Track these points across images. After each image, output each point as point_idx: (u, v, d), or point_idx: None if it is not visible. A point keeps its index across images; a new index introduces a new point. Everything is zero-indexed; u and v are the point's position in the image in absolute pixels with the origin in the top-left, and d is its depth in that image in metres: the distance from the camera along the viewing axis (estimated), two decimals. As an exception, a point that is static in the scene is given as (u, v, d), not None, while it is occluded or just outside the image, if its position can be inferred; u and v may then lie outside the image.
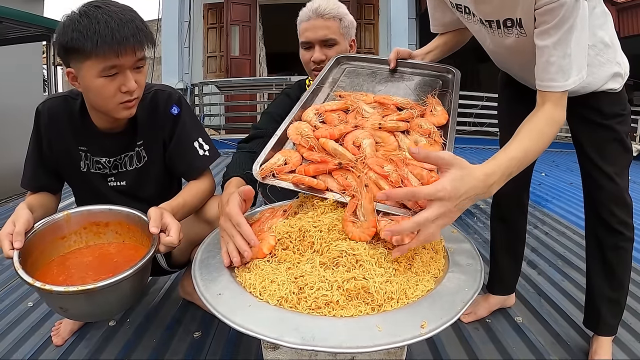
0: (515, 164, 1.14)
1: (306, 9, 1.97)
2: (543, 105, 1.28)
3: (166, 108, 1.64)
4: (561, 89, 1.26)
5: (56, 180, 1.69)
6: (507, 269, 2.11)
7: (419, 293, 1.00)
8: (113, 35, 1.29)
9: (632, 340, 1.97)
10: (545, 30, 1.25)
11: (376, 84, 1.69)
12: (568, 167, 5.40)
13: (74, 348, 1.84)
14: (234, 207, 1.19)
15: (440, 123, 1.40)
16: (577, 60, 1.26)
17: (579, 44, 1.25)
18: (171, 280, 2.39)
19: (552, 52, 1.25)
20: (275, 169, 1.27)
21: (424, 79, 1.71)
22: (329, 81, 1.71)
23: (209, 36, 10.17)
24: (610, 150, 1.65)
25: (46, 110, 1.60)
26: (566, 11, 1.19)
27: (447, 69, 1.73)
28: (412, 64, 1.76)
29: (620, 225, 1.68)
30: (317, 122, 1.42)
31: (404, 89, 1.66)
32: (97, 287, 1.11)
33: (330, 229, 1.11)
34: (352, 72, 1.76)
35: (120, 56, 1.33)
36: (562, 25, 1.21)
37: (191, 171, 1.69)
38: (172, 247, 1.30)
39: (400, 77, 1.73)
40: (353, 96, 1.53)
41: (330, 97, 1.63)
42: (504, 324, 2.08)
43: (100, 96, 1.41)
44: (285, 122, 1.46)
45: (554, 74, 1.26)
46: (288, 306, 0.96)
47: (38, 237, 1.32)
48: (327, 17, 1.91)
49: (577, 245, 3.08)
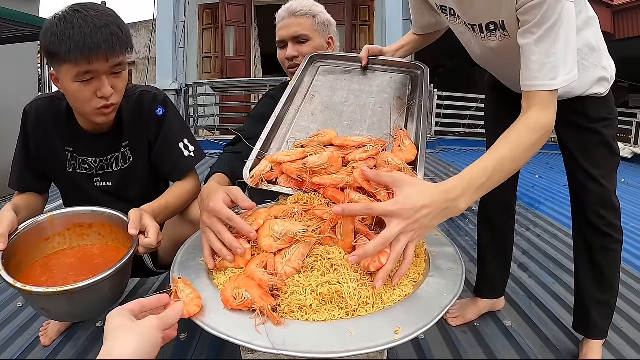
0: (485, 174, 1.10)
1: (280, 10, 1.99)
2: (527, 110, 1.22)
3: (151, 109, 1.64)
4: (547, 88, 1.20)
5: (43, 180, 1.68)
6: (495, 272, 2.10)
7: (396, 298, 1.00)
8: (85, 41, 1.29)
9: (623, 345, 1.97)
10: (527, 29, 1.22)
11: (351, 83, 1.71)
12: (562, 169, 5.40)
13: (62, 348, 1.85)
14: (219, 202, 1.12)
15: (409, 159, 1.28)
16: (566, 59, 1.21)
17: (567, 43, 1.21)
18: (160, 281, 2.39)
19: (534, 50, 1.21)
20: (264, 175, 1.26)
21: (395, 75, 1.74)
22: (305, 81, 1.72)
23: (204, 37, 10.16)
24: (597, 153, 1.64)
25: (33, 110, 1.60)
26: (547, 9, 1.16)
27: (417, 66, 1.74)
28: (384, 61, 1.78)
29: (608, 227, 1.68)
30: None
31: (377, 87, 1.68)
32: (76, 288, 1.11)
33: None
34: (326, 71, 1.78)
35: (92, 62, 1.32)
36: (544, 23, 1.18)
37: (176, 172, 1.69)
38: (151, 249, 1.30)
39: (372, 75, 1.75)
40: (313, 143, 1.40)
41: (307, 99, 1.63)
42: (493, 328, 2.07)
43: (77, 100, 1.42)
44: (268, 125, 1.46)
45: (536, 72, 1.21)
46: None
47: (22, 239, 1.32)
48: (299, 14, 1.94)
49: (570, 248, 3.05)
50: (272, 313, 0.90)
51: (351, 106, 1.59)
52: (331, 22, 2.02)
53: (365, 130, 1.48)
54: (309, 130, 1.49)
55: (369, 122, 1.52)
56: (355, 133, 1.46)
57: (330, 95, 1.64)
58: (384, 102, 1.60)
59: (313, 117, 1.56)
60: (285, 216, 1.15)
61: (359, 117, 1.55)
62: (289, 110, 1.58)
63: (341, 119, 1.54)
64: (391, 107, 1.58)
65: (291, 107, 1.59)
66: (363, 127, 1.50)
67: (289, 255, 1.03)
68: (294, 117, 1.56)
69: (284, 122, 1.53)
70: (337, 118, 1.54)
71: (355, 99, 1.62)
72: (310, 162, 1.20)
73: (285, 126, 1.52)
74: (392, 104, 1.59)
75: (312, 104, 1.61)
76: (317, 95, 1.65)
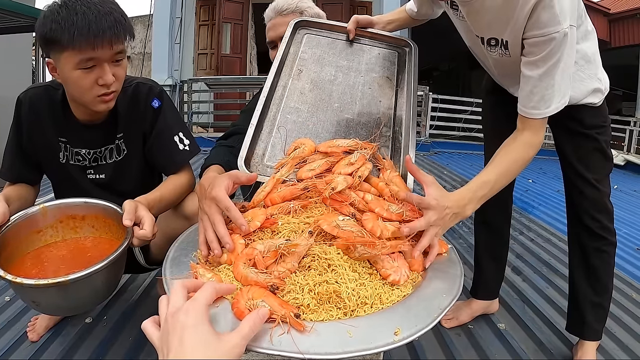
0: (487, 186, 1.28)
1: (268, 10, 1.97)
2: (522, 131, 1.39)
3: (147, 101, 1.62)
4: (542, 116, 1.36)
5: (35, 171, 1.66)
6: (491, 273, 2.12)
7: (395, 298, 0.98)
8: (89, 27, 1.28)
9: (615, 349, 1.99)
10: (532, 61, 1.32)
11: (339, 58, 1.68)
12: (555, 174, 5.46)
13: (49, 344, 1.83)
14: (221, 191, 1.11)
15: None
16: (561, 89, 1.34)
17: (564, 73, 1.32)
18: (150, 278, 2.37)
19: (536, 84, 1.33)
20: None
21: (383, 51, 1.73)
22: (291, 52, 1.69)
23: (200, 33, 10.13)
24: (592, 158, 1.70)
25: (27, 99, 1.58)
26: (555, 46, 1.26)
27: (405, 42, 1.74)
28: (372, 34, 1.76)
29: (602, 230, 1.73)
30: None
31: (365, 64, 1.67)
32: (68, 280, 1.09)
33: (304, 230, 1.07)
34: (312, 42, 1.74)
35: (97, 49, 1.31)
36: (550, 59, 1.28)
37: (171, 165, 1.67)
38: (146, 241, 1.28)
39: (360, 49, 1.73)
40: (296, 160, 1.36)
41: (294, 74, 1.61)
42: (487, 330, 2.09)
43: (78, 88, 1.40)
44: (258, 108, 1.45)
45: (536, 102, 1.35)
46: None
47: (13, 231, 1.30)
48: (286, 13, 1.91)
49: (563, 253, 3.10)
50: (295, 320, 0.86)
51: (340, 85, 1.58)
52: (320, 14, 1.97)
53: (356, 114, 1.51)
54: (299, 112, 1.49)
55: (359, 105, 1.54)
56: (345, 117, 1.49)
57: (317, 71, 1.62)
58: (372, 82, 1.61)
59: (302, 96, 1.54)
60: (281, 212, 1.14)
61: (348, 98, 1.55)
62: (277, 88, 1.56)
63: (331, 99, 1.54)
64: (380, 87, 1.60)
65: (279, 84, 1.57)
66: (354, 109, 1.52)
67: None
68: (282, 96, 1.53)
69: (273, 103, 1.51)
70: (327, 99, 1.54)
71: (344, 77, 1.61)
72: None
73: (274, 107, 1.50)
74: (381, 85, 1.60)
75: (300, 81, 1.59)
76: (305, 70, 1.62)
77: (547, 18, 1.24)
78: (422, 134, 9.05)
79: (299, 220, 1.11)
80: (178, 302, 0.74)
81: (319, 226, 1.05)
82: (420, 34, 5.30)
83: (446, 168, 6.40)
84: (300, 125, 1.47)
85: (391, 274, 1.02)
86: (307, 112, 1.49)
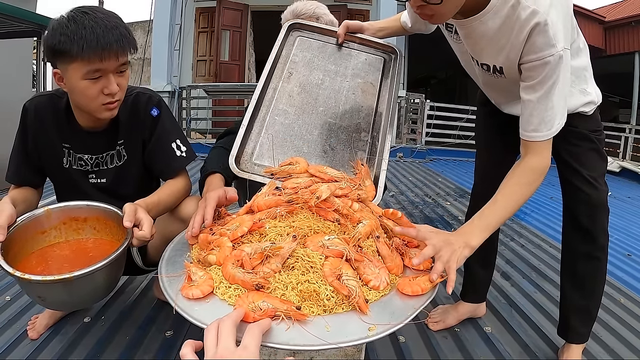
0: (493, 212, 1.37)
1: (285, 12, 2.05)
2: (525, 156, 1.42)
3: (146, 110, 1.70)
4: (544, 138, 1.38)
5: (39, 175, 1.73)
6: (479, 276, 2.15)
7: (372, 297, 1.05)
8: (98, 40, 1.36)
9: (601, 352, 2.01)
10: (530, 85, 1.36)
11: (327, 62, 1.77)
12: (549, 181, 5.47)
13: (49, 342, 1.87)
14: (214, 193, 1.35)
15: (370, 199, 1.41)
16: (560, 109, 1.37)
17: (561, 93, 1.35)
18: (147, 280, 2.42)
19: (535, 106, 1.36)
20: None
21: (370, 56, 1.81)
22: (283, 54, 1.78)
23: (199, 40, 10.13)
24: (589, 157, 1.71)
25: (33, 107, 1.65)
26: (550, 69, 1.30)
27: (392, 48, 1.81)
28: (361, 40, 1.84)
29: (597, 231, 1.72)
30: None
31: (351, 69, 1.75)
32: (72, 277, 1.17)
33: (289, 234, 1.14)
34: (304, 44, 1.82)
35: (104, 60, 1.39)
36: (546, 82, 1.32)
37: (168, 170, 1.74)
38: (144, 241, 1.35)
39: (348, 54, 1.80)
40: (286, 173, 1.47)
41: (284, 76, 1.70)
42: (473, 334, 2.11)
43: (84, 97, 1.47)
44: (249, 111, 1.57)
45: (536, 125, 1.38)
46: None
47: (19, 231, 1.37)
48: (303, 17, 1.98)
49: (553, 258, 3.12)
50: (298, 312, 0.95)
51: (326, 89, 1.67)
52: (334, 22, 2.05)
53: (338, 119, 1.61)
54: (287, 114, 1.59)
55: (342, 110, 1.63)
56: (329, 120, 1.60)
57: (306, 75, 1.71)
58: (357, 87, 1.70)
59: (290, 99, 1.64)
60: (268, 217, 1.22)
61: (333, 102, 1.64)
62: (268, 90, 1.65)
63: (317, 103, 1.63)
64: (363, 93, 1.68)
65: (270, 86, 1.66)
66: (337, 114, 1.62)
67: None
68: (272, 98, 1.63)
69: (263, 104, 1.61)
70: (314, 102, 1.63)
71: (331, 82, 1.70)
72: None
73: (264, 108, 1.60)
74: (364, 90, 1.69)
75: (289, 84, 1.68)
76: (295, 73, 1.71)
77: (542, 42, 1.28)
78: (418, 141, 9.10)
79: (285, 224, 1.18)
80: (230, 346, 0.81)
81: (306, 247, 1.13)
82: (417, 42, 5.35)
83: (441, 175, 6.44)
84: (287, 127, 1.56)
85: (372, 279, 1.08)
86: (294, 115, 1.59)
